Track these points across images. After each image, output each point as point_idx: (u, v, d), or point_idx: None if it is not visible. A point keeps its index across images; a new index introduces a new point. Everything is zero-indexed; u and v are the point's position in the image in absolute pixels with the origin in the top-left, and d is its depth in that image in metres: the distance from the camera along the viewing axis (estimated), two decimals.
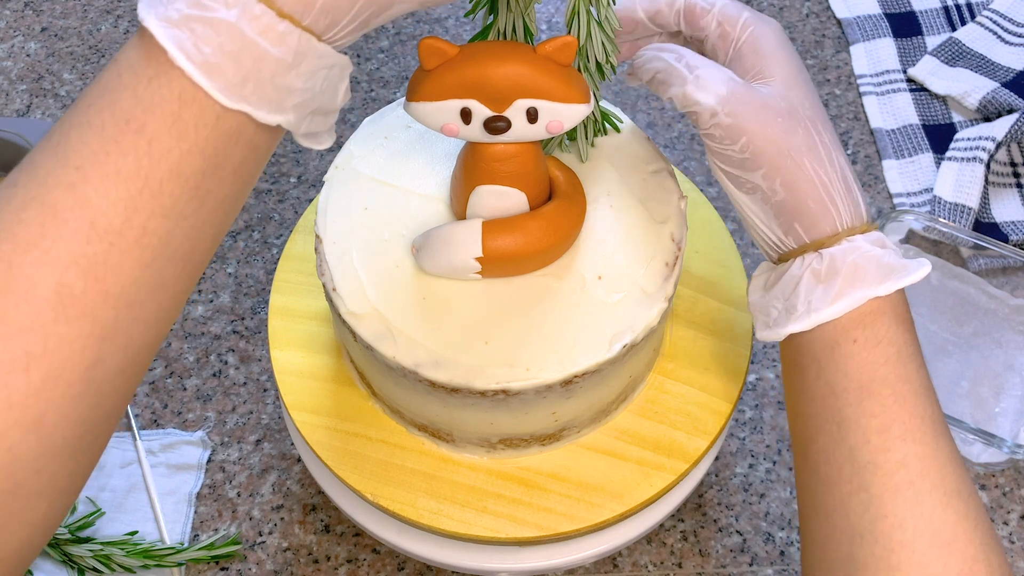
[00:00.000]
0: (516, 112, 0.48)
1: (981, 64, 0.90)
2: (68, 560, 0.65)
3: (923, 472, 0.45)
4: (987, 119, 0.86)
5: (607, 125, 0.59)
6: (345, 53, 0.38)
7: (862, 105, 0.89)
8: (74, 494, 0.40)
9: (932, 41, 0.93)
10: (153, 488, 0.69)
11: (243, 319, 0.78)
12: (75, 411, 0.36)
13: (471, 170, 0.52)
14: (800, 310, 0.47)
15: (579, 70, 0.52)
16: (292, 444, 0.71)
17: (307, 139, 0.39)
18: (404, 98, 0.50)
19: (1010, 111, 0.84)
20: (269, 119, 0.36)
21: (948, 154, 0.82)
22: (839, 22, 0.96)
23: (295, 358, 0.61)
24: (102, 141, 0.35)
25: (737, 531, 0.68)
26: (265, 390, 0.74)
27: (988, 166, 0.80)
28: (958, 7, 0.95)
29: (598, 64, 0.53)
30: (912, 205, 0.83)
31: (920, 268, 0.47)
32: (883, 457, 0.45)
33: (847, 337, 0.47)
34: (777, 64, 0.50)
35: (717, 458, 0.70)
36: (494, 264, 0.52)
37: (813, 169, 0.48)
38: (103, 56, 0.94)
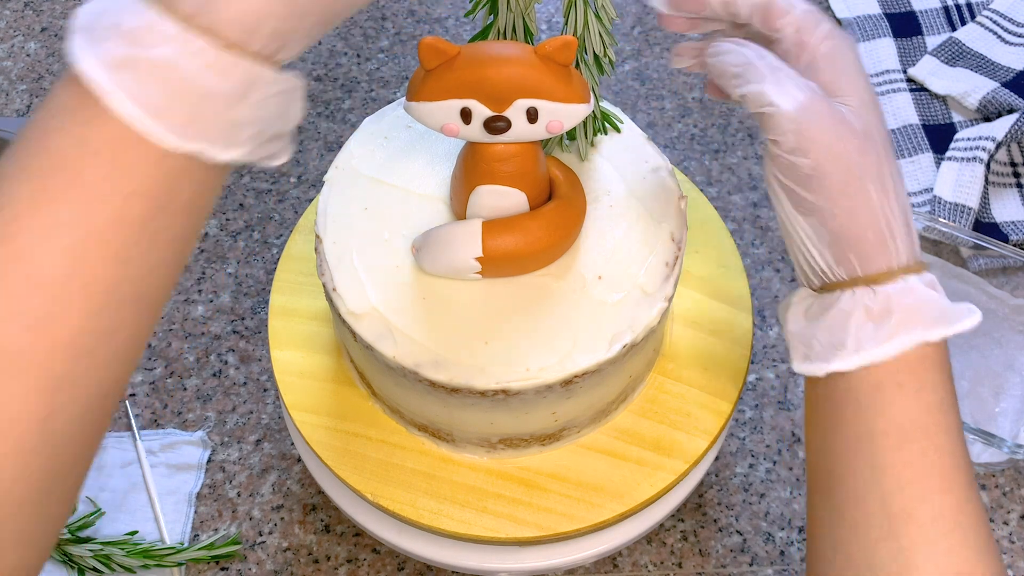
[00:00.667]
0: (516, 112, 0.48)
1: (981, 64, 0.90)
2: (68, 560, 0.65)
3: (957, 525, 0.44)
4: (987, 119, 0.86)
5: (607, 125, 0.59)
6: (295, 66, 0.37)
7: None
8: (48, 539, 0.38)
9: (932, 41, 0.93)
10: (153, 488, 0.69)
11: (243, 319, 0.78)
12: (33, 463, 0.35)
13: (471, 170, 0.52)
14: (848, 347, 0.45)
15: (577, 63, 0.52)
16: (292, 444, 0.71)
17: (263, 161, 0.38)
18: (404, 98, 0.50)
19: (1010, 111, 0.84)
20: (221, 156, 0.34)
21: (948, 154, 0.82)
22: (839, 22, 0.96)
23: (295, 358, 0.61)
24: (38, 191, 0.33)
25: (737, 531, 0.68)
26: (265, 390, 0.74)
27: (988, 166, 0.80)
28: (958, 7, 0.95)
29: (596, 57, 0.53)
30: (912, 205, 0.83)
31: (971, 316, 0.46)
32: (919, 508, 0.44)
33: (892, 380, 0.45)
34: (854, 83, 0.47)
35: (717, 458, 0.70)
36: (494, 264, 0.52)
37: (878, 198, 0.45)
38: None
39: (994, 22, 0.93)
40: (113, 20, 0.32)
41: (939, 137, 0.86)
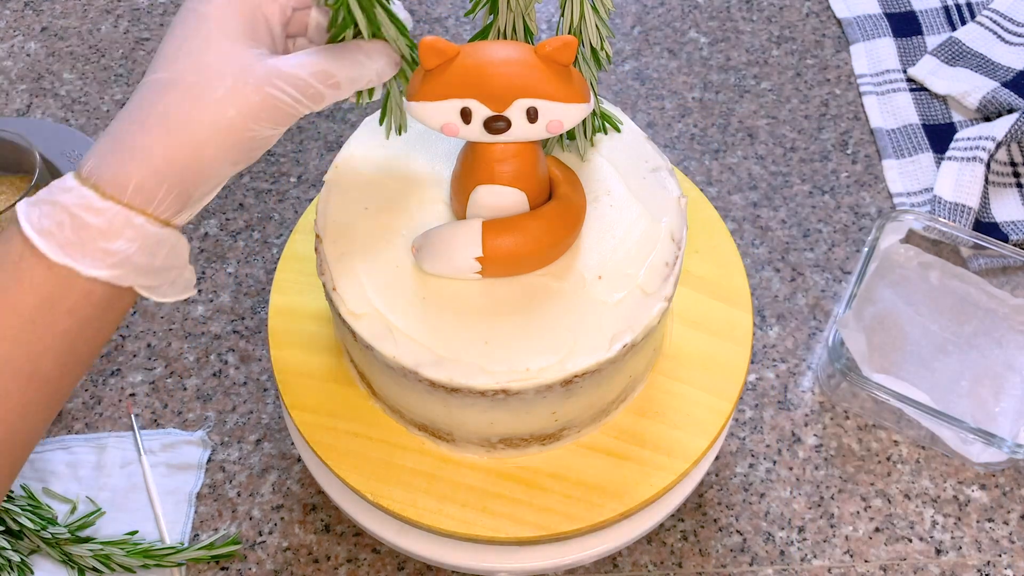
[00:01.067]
0: (516, 112, 0.48)
1: (981, 64, 0.90)
2: (68, 560, 0.65)
3: None
4: (987, 119, 0.86)
5: (607, 124, 0.59)
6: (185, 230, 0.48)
7: (862, 105, 0.89)
8: None
9: (932, 41, 0.93)
10: (153, 488, 0.69)
11: (243, 319, 0.78)
12: None
13: (471, 170, 0.52)
14: None
15: (575, 59, 0.52)
16: (292, 444, 0.71)
17: (144, 290, 0.46)
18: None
19: (1010, 111, 0.84)
20: (88, 272, 0.44)
21: (948, 154, 0.82)
22: (839, 22, 0.96)
23: (295, 358, 0.61)
24: None
25: (737, 531, 0.68)
26: (265, 390, 0.74)
27: (988, 166, 0.80)
28: (958, 7, 0.95)
29: (593, 51, 0.53)
30: (912, 205, 0.83)
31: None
32: None
33: None
34: None
35: (717, 458, 0.70)
36: (494, 264, 0.52)
37: None
38: (103, 56, 0.94)
39: (994, 22, 0.93)
40: (51, 183, 0.45)
41: (939, 137, 0.86)
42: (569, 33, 0.52)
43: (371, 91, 0.52)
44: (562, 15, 0.51)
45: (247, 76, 0.45)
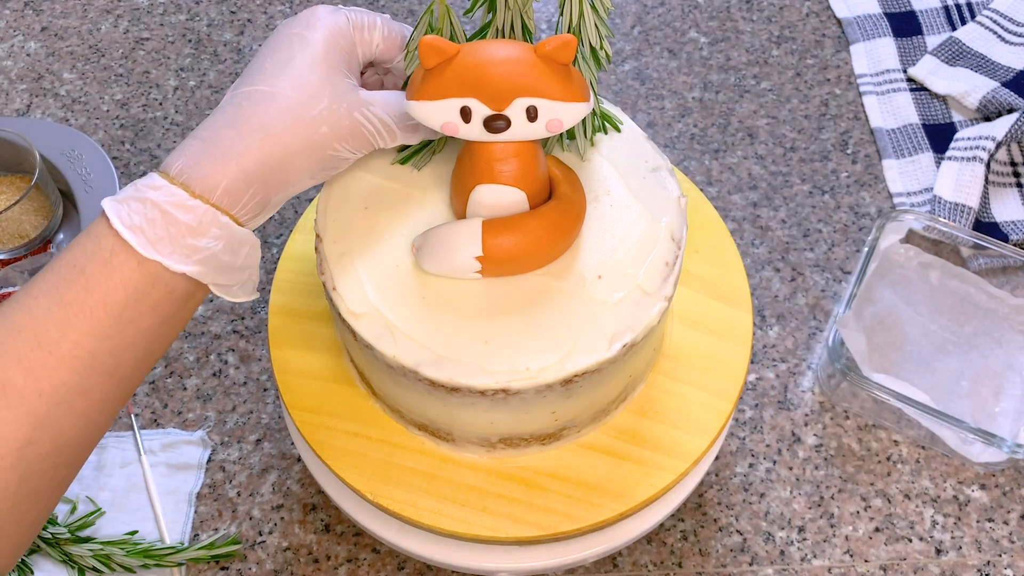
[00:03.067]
0: (516, 111, 0.48)
1: (981, 64, 0.90)
2: (68, 560, 0.65)
3: None
4: (987, 119, 0.86)
5: (607, 124, 0.59)
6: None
7: (862, 105, 0.89)
8: (17, 546, 0.48)
9: (932, 41, 0.93)
10: (153, 488, 0.69)
11: (243, 319, 0.78)
12: (6, 480, 0.45)
13: (471, 169, 0.52)
14: None
15: (575, 59, 0.52)
16: (292, 444, 0.71)
17: (218, 289, 0.49)
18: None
19: (1010, 111, 0.84)
20: (176, 267, 0.46)
21: (948, 154, 0.82)
22: (839, 22, 0.96)
23: (295, 358, 0.61)
24: (56, 278, 0.46)
25: (737, 531, 0.68)
26: (265, 390, 0.74)
27: (988, 166, 0.80)
28: (958, 7, 0.95)
29: (592, 50, 0.53)
30: (912, 205, 0.83)
31: None
32: None
33: None
34: None
35: (717, 458, 0.70)
36: (494, 263, 0.52)
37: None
38: (103, 55, 0.94)
39: (994, 22, 0.93)
40: (136, 182, 0.47)
41: (939, 137, 0.86)
42: (568, 32, 0.52)
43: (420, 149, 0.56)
44: (561, 14, 0.51)
45: (342, 100, 0.49)
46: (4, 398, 0.44)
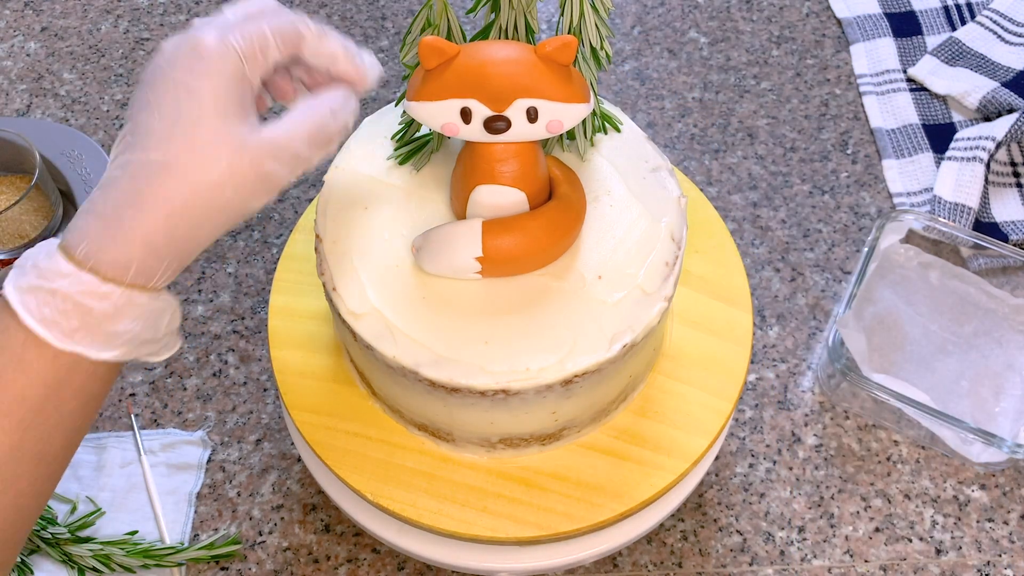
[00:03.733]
0: (516, 112, 0.48)
1: (981, 64, 0.90)
2: (68, 560, 0.65)
3: None
4: (987, 119, 0.86)
5: (607, 124, 0.59)
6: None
7: (862, 105, 0.89)
8: None
9: (932, 41, 0.93)
10: (153, 488, 0.69)
11: (243, 319, 0.78)
12: None
13: (471, 170, 0.52)
14: None
15: (575, 59, 0.52)
16: (292, 444, 0.71)
17: (148, 357, 0.47)
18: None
19: (1010, 111, 0.84)
20: (100, 356, 0.44)
21: (948, 154, 0.82)
22: (839, 22, 0.96)
23: (295, 358, 0.61)
24: None
25: (737, 531, 0.68)
26: (265, 390, 0.74)
27: (988, 166, 0.80)
28: (958, 7, 0.95)
29: (593, 51, 0.53)
30: (912, 205, 0.83)
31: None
32: None
33: None
34: None
35: (717, 458, 0.70)
36: (494, 264, 0.52)
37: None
38: (103, 55, 0.94)
39: (994, 22, 0.93)
40: (33, 260, 0.45)
41: (939, 137, 0.86)
42: (569, 33, 0.52)
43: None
44: (562, 15, 0.51)
45: (242, 154, 0.45)
46: None
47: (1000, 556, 0.67)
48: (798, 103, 0.90)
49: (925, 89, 0.89)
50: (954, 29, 0.93)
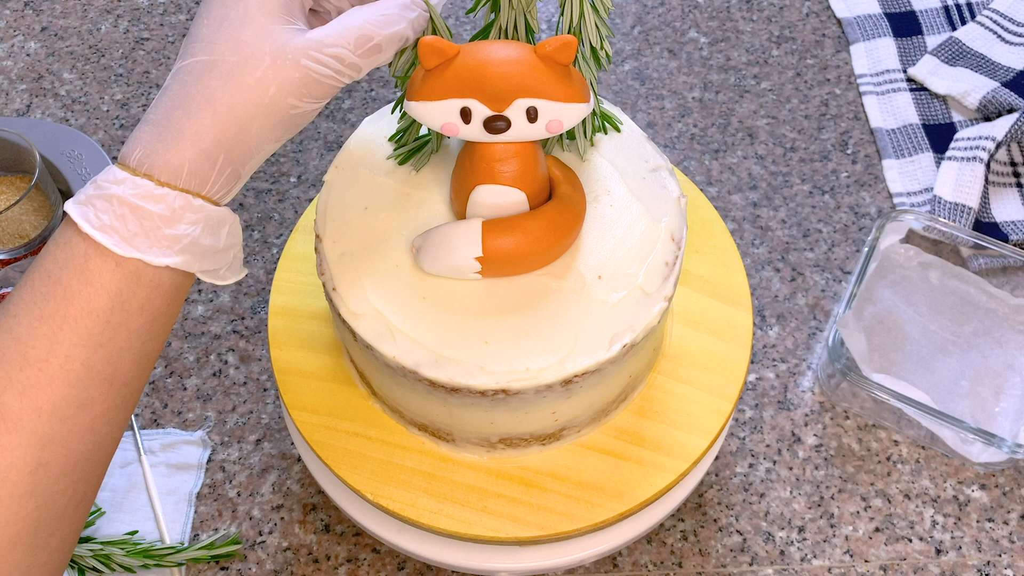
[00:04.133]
0: (516, 111, 0.48)
1: (981, 64, 0.90)
2: None
3: None
4: (987, 119, 0.86)
5: (607, 124, 0.59)
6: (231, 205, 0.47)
7: (862, 105, 0.89)
8: (48, 574, 0.46)
9: (932, 41, 0.93)
10: (153, 488, 0.69)
11: (243, 319, 0.78)
12: (23, 508, 0.43)
13: (471, 170, 0.52)
14: None
15: (575, 59, 0.52)
16: (292, 444, 0.71)
17: (207, 275, 0.47)
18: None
19: (1010, 111, 0.84)
20: (159, 261, 0.44)
21: (948, 154, 0.82)
22: (839, 21, 0.96)
23: (295, 358, 0.61)
24: (32, 293, 0.44)
25: (737, 531, 0.68)
26: (265, 390, 0.74)
27: (988, 166, 0.80)
28: (958, 7, 0.95)
29: (593, 50, 0.53)
30: (912, 205, 0.83)
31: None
32: None
33: None
34: None
35: (717, 458, 0.70)
36: (494, 264, 0.52)
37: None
38: (103, 55, 0.94)
39: (994, 22, 0.93)
40: (92, 179, 0.45)
41: (939, 137, 0.86)
42: (569, 32, 0.52)
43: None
44: (561, 14, 0.51)
45: (286, 53, 0.45)
46: (3, 423, 0.43)
47: (1000, 556, 0.67)
48: (798, 103, 0.90)
49: (925, 89, 0.89)
50: (954, 29, 0.93)
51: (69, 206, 0.44)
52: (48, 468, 0.44)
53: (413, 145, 0.57)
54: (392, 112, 0.59)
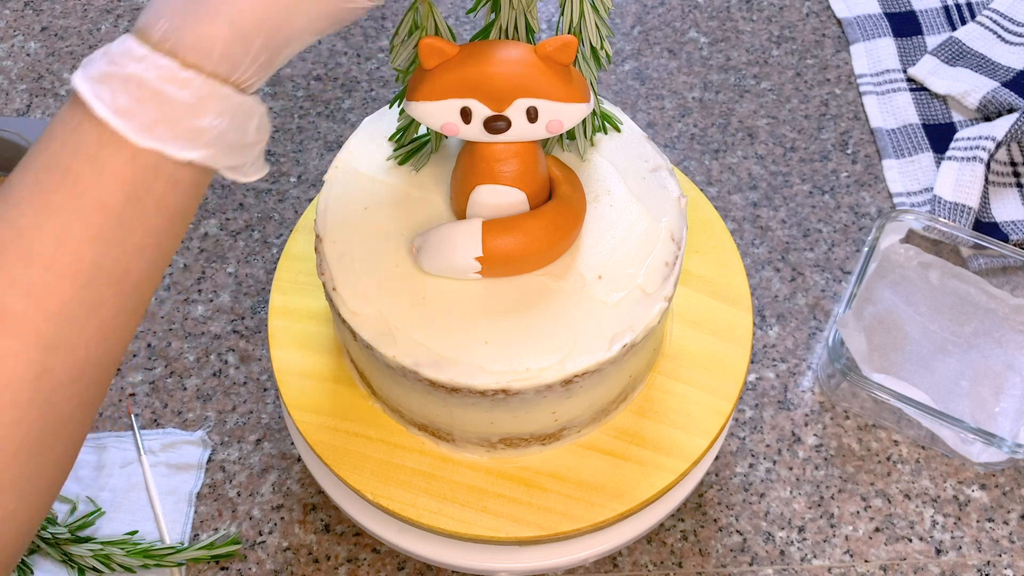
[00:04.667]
0: (516, 111, 0.48)
1: (981, 63, 0.90)
2: (68, 560, 0.65)
3: None
4: (987, 118, 0.86)
5: (607, 124, 0.59)
6: (261, 92, 0.41)
7: (862, 105, 0.89)
8: (43, 495, 0.43)
9: (932, 40, 0.93)
10: (153, 488, 0.69)
11: (243, 319, 0.77)
12: (27, 416, 0.40)
13: (471, 170, 0.52)
14: None
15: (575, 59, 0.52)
16: (292, 444, 0.71)
17: (231, 172, 0.42)
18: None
19: (1010, 110, 0.84)
20: (181, 155, 0.39)
21: (948, 154, 0.82)
22: (839, 21, 0.96)
23: (295, 358, 0.61)
24: (37, 182, 0.40)
25: (737, 531, 0.68)
26: (265, 390, 0.74)
27: (988, 166, 0.80)
28: (958, 6, 0.95)
29: (593, 50, 0.53)
30: (912, 205, 0.83)
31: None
32: None
33: None
34: None
35: (717, 458, 0.70)
36: (494, 264, 0.52)
37: None
38: None
39: (994, 22, 0.92)
40: (103, 48, 0.40)
41: (939, 137, 0.86)
42: (569, 32, 0.52)
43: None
44: (562, 14, 0.51)
45: None
46: (5, 326, 0.39)
47: (1000, 556, 0.67)
48: (798, 103, 0.90)
49: (925, 89, 0.89)
50: (954, 29, 0.93)
51: (79, 82, 0.39)
52: (53, 374, 0.40)
53: (413, 145, 0.57)
54: (390, 107, 0.59)
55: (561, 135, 0.58)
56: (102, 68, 0.39)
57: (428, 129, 0.57)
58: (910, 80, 0.90)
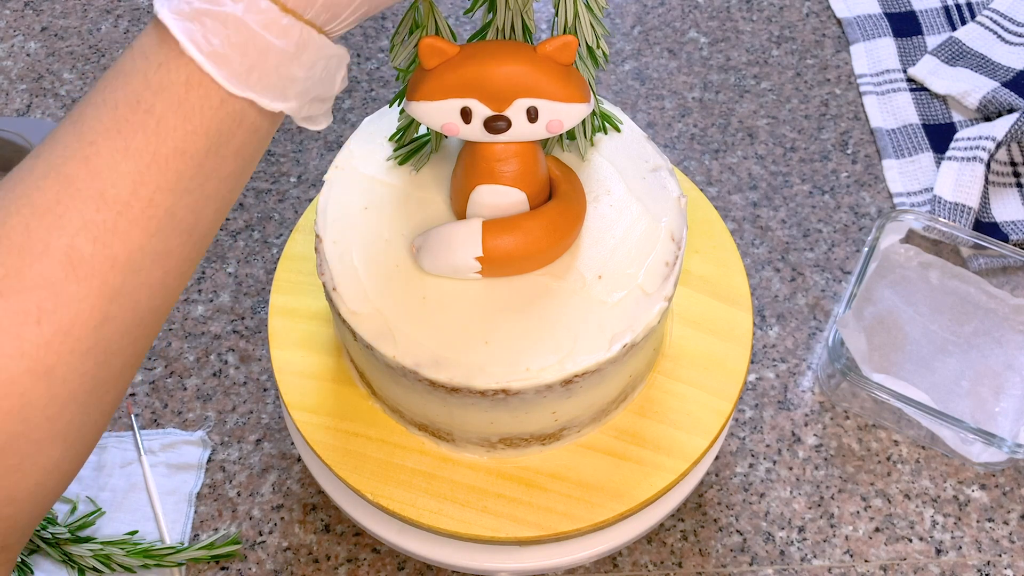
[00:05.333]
0: (516, 111, 0.48)
1: (981, 64, 0.90)
2: (68, 560, 0.65)
3: None
4: (987, 119, 0.86)
5: (607, 124, 0.59)
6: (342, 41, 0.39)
7: (862, 105, 0.89)
8: (86, 447, 0.41)
9: (932, 41, 0.93)
10: (153, 488, 0.69)
11: (243, 319, 0.78)
12: (84, 365, 0.38)
13: (471, 170, 0.52)
14: None
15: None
16: (292, 444, 0.71)
17: (305, 121, 0.41)
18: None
19: (1010, 111, 0.84)
20: (273, 106, 0.38)
21: (948, 154, 0.82)
22: (839, 21, 0.96)
23: (295, 358, 0.61)
24: (115, 119, 0.37)
25: (737, 531, 0.68)
26: (265, 390, 0.74)
27: (988, 166, 0.80)
28: (958, 7, 0.95)
29: (589, 50, 0.53)
30: (912, 205, 0.83)
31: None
32: None
33: None
34: None
35: (717, 458, 0.70)
36: (494, 264, 0.52)
37: None
38: (103, 56, 0.94)
39: (994, 22, 0.93)
40: None
41: (939, 137, 0.86)
42: (564, 32, 0.52)
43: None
44: (556, 14, 0.51)
45: None
46: (72, 270, 0.37)
47: (1000, 556, 0.67)
48: (798, 103, 0.90)
49: (925, 89, 0.89)
50: (954, 29, 0.93)
51: (166, 15, 0.37)
52: (114, 323, 0.38)
53: (413, 145, 0.57)
54: (390, 107, 0.59)
55: (561, 135, 0.58)
56: (193, 2, 0.37)
57: (428, 129, 0.57)
58: (910, 80, 0.90)
